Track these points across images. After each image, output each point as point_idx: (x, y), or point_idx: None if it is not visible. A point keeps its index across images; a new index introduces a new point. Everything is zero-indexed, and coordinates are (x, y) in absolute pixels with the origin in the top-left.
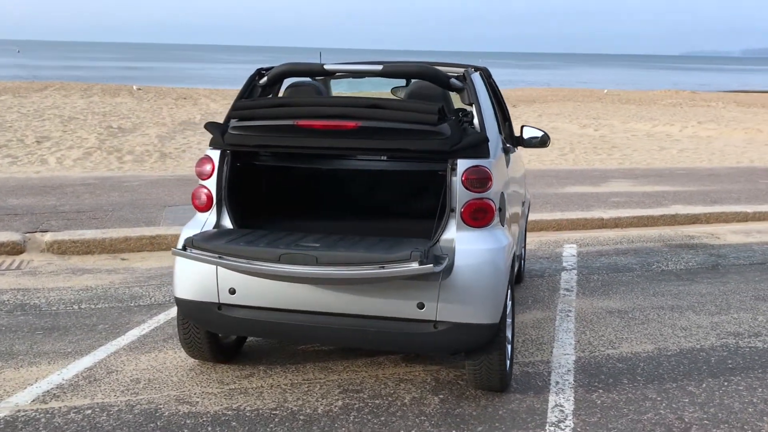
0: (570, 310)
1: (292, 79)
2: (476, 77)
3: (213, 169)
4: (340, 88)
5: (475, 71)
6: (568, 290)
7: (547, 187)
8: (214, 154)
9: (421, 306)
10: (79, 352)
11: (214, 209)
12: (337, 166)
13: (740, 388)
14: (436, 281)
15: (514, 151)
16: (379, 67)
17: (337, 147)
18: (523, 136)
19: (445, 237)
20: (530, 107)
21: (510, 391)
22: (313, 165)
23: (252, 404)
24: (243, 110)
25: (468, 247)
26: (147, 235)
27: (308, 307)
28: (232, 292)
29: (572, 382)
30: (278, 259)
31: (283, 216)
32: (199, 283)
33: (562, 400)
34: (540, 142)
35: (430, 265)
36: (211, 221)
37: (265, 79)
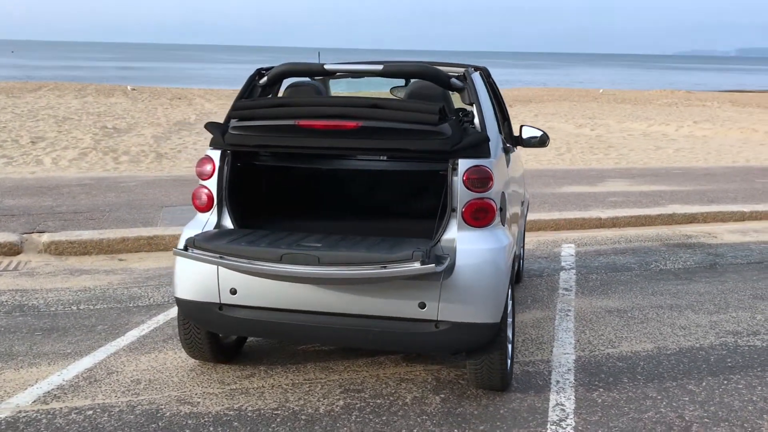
0: (569, 310)
1: (292, 79)
2: (476, 77)
3: (213, 170)
4: (338, 88)
5: (475, 71)
6: (567, 290)
7: (545, 187)
8: (215, 154)
9: (423, 306)
10: (78, 353)
11: (215, 209)
12: (338, 166)
13: (740, 387)
14: (437, 281)
15: (514, 151)
16: (380, 67)
17: (338, 147)
18: (522, 135)
19: (446, 237)
20: (526, 107)
21: (511, 390)
22: (313, 165)
23: (253, 404)
24: (243, 110)
25: (469, 247)
26: (144, 236)
27: (309, 307)
28: (233, 292)
29: (573, 381)
30: (280, 259)
31: (284, 216)
32: (200, 283)
33: (563, 399)
34: (539, 141)
35: (432, 265)
36: (212, 221)
37: (265, 79)
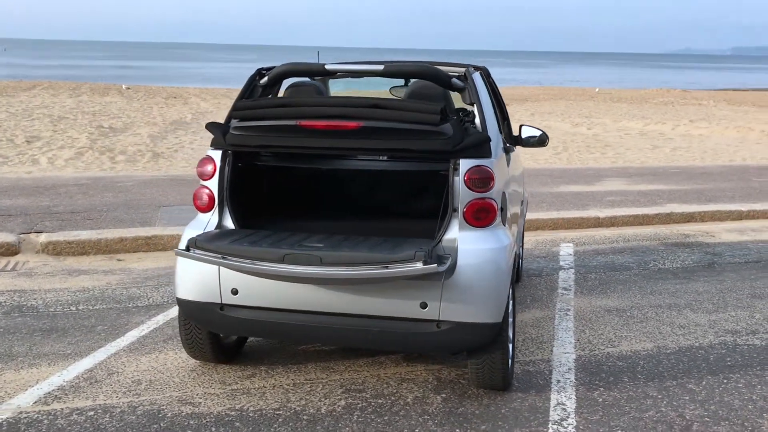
0: (569, 309)
1: (293, 79)
2: (477, 77)
3: (215, 170)
4: (337, 88)
5: (475, 71)
6: (566, 289)
7: (542, 186)
8: (216, 155)
9: (424, 306)
10: (78, 354)
11: (216, 210)
12: (339, 166)
13: (739, 386)
14: (439, 281)
15: (514, 151)
16: (380, 67)
17: (339, 147)
18: (522, 135)
19: (448, 237)
20: (522, 106)
21: (512, 389)
22: (314, 165)
23: (255, 404)
24: (244, 110)
25: (470, 247)
26: (143, 236)
27: (310, 307)
28: (235, 292)
29: (573, 381)
30: (282, 260)
31: (285, 216)
32: (201, 283)
33: (563, 399)
34: (538, 141)
35: (434, 265)
36: (213, 222)
37: (266, 79)
